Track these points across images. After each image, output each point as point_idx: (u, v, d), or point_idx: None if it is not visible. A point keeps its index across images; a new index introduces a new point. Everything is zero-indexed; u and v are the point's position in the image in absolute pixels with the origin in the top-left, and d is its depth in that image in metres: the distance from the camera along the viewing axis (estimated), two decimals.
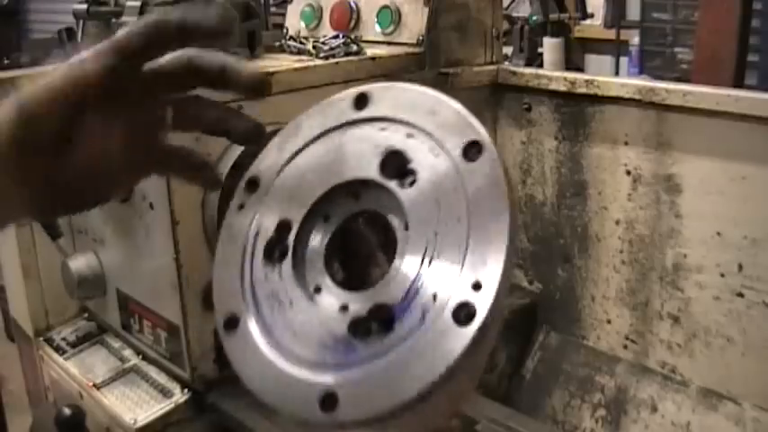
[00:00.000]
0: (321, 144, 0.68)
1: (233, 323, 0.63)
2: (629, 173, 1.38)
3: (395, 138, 0.64)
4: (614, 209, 1.42)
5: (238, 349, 0.62)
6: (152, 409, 1.22)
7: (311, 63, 1.29)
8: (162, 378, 1.28)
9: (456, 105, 0.63)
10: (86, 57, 0.62)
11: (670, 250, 1.35)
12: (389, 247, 0.62)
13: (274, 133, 0.73)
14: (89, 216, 1.35)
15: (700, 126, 1.27)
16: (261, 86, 0.66)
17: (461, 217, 0.57)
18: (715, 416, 1.33)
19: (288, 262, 0.64)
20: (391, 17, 1.45)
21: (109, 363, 1.35)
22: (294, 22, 1.60)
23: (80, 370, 1.35)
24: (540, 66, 3.06)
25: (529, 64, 3.08)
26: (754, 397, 1.29)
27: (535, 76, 1.47)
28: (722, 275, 1.29)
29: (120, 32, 0.63)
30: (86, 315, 1.48)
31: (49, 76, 0.62)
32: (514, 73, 1.51)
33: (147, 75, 0.65)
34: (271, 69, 1.22)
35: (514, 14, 3.47)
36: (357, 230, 0.67)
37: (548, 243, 1.54)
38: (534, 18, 3.18)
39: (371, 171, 0.63)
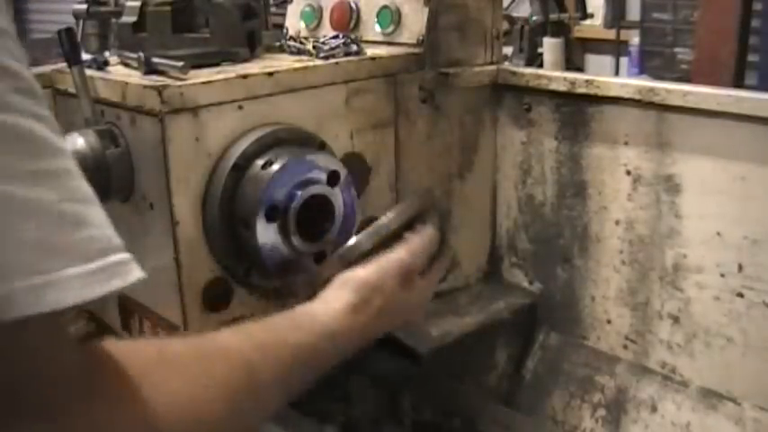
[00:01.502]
0: None
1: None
2: (629, 173, 1.38)
3: None
4: (614, 209, 1.42)
5: None
6: None
7: (311, 63, 1.29)
8: None
9: None
10: None
11: (670, 250, 1.35)
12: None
13: None
14: None
15: (700, 126, 1.27)
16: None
17: None
18: (715, 416, 1.33)
19: None
20: (391, 17, 1.45)
21: None
22: (294, 22, 1.60)
23: None
24: (540, 66, 3.06)
25: (529, 64, 3.07)
26: (754, 397, 1.29)
27: (535, 76, 1.47)
28: (722, 275, 1.29)
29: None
30: (86, 315, 1.48)
31: None
32: (514, 73, 1.51)
33: None
34: (271, 69, 1.22)
35: (514, 14, 3.47)
36: None
37: (548, 243, 1.54)
38: (534, 18, 3.17)
39: None
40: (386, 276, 0.96)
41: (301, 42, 1.38)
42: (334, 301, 0.92)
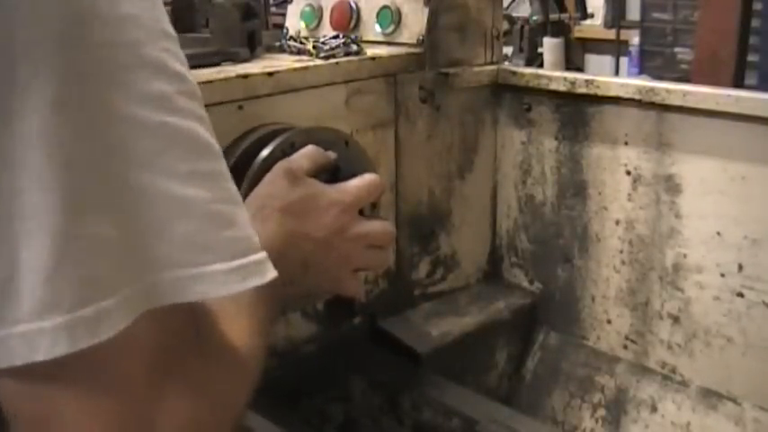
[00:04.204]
0: None
1: None
2: (629, 173, 1.38)
3: None
4: (614, 209, 1.42)
5: None
6: None
7: (311, 63, 1.29)
8: None
9: None
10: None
11: (670, 250, 1.35)
12: None
13: None
14: None
15: (700, 126, 1.27)
16: None
17: None
18: (715, 416, 1.33)
19: None
20: (391, 17, 1.45)
21: None
22: (294, 22, 1.60)
23: None
24: (540, 66, 3.06)
25: (529, 64, 3.08)
26: (754, 397, 1.29)
27: (535, 76, 1.47)
28: (722, 275, 1.29)
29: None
30: None
31: None
32: (514, 73, 1.51)
33: None
34: (271, 69, 1.22)
35: (514, 14, 3.47)
36: None
37: (548, 243, 1.54)
38: (534, 18, 3.18)
39: None
40: (271, 179, 0.95)
41: (301, 42, 1.38)
42: None
